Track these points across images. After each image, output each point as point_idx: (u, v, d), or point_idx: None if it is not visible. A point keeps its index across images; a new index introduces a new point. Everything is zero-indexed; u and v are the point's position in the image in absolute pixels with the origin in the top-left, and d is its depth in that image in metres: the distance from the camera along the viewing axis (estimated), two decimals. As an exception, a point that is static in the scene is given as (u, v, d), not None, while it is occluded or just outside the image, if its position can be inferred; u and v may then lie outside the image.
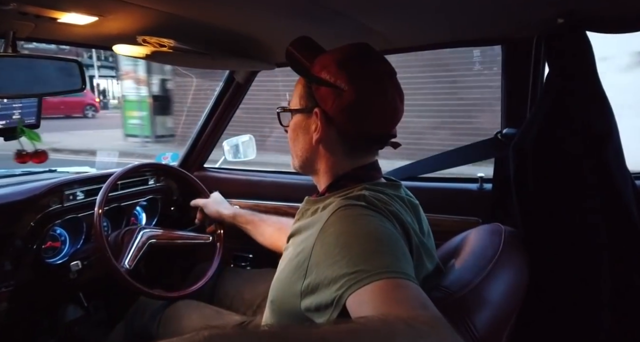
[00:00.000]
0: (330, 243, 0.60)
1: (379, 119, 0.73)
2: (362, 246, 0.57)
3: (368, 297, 0.51)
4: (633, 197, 0.91)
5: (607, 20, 0.90)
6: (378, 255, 0.55)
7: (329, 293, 0.56)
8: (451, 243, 0.92)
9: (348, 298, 0.53)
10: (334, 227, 0.62)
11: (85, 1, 0.77)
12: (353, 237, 0.59)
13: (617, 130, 0.90)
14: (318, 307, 0.59)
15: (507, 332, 0.69)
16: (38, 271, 1.16)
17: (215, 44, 1.10)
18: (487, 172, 1.29)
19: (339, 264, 0.56)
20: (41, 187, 1.19)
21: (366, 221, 0.62)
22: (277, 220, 1.23)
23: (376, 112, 0.72)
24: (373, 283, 0.52)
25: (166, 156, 1.73)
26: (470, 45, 1.24)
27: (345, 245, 0.58)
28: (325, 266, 0.59)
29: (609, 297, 0.87)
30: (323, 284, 0.58)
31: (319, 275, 0.59)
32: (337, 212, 0.64)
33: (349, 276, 0.54)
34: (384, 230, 0.61)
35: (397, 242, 0.60)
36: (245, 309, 1.22)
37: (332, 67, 0.71)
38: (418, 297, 0.51)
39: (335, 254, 0.58)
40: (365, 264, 0.54)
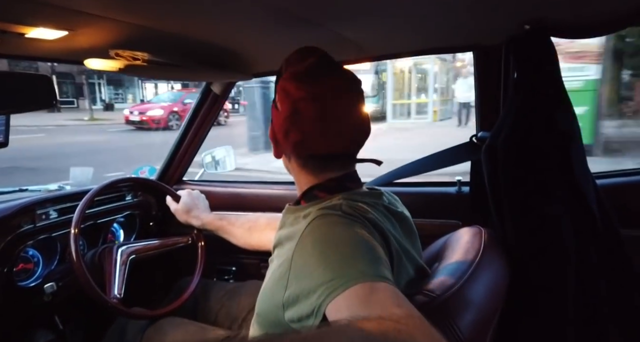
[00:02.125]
0: (307, 253, 0.61)
1: (332, 139, 0.70)
2: (337, 254, 0.58)
3: (344, 303, 0.52)
4: (594, 195, 0.95)
5: (570, 26, 0.94)
6: (353, 261, 0.56)
7: (309, 303, 0.56)
8: (433, 247, 0.93)
9: (327, 307, 0.54)
10: (310, 236, 0.63)
11: (54, 16, 0.75)
12: (328, 245, 0.60)
13: (579, 130, 0.94)
14: (300, 318, 0.59)
15: (491, 333, 0.70)
16: (9, 295, 1.11)
17: (191, 56, 1.10)
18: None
19: (316, 274, 0.57)
20: (11, 207, 1.14)
21: (341, 229, 0.63)
22: (246, 220, 1.23)
23: (332, 130, 0.69)
24: (349, 289, 0.52)
25: (143, 170, 1.69)
26: (441, 53, 1.28)
27: (321, 254, 0.59)
28: (303, 276, 0.60)
29: (574, 295, 0.90)
30: (303, 295, 0.58)
31: (298, 286, 0.60)
32: (313, 222, 0.65)
33: (325, 284, 0.55)
34: (359, 237, 0.61)
35: (372, 247, 0.61)
36: (231, 323, 1.20)
37: (282, 86, 0.72)
38: (392, 296, 0.52)
39: (312, 263, 0.59)
40: (340, 271, 0.55)
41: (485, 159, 1.00)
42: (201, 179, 1.74)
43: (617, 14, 0.86)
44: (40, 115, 17.82)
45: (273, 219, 1.17)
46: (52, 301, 1.16)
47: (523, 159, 0.92)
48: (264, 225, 1.18)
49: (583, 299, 0.91)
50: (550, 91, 0.92)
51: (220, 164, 1.69)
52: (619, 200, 1.05)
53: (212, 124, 1.61)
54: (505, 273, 0.83)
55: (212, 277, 1.55)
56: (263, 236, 1.16)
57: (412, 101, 13.34)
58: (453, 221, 1.25)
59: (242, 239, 1.20)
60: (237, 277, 1.55)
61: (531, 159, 0.91)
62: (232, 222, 1.23)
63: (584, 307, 0.91)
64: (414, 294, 0.65)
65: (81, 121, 16.27)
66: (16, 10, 0.71)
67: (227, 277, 1.57)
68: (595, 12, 0.88)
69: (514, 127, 0.93)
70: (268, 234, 1.14)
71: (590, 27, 0.94)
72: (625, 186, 1.15)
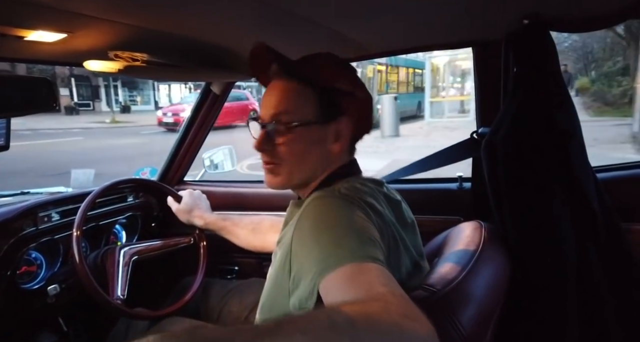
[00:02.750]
0: (304, 235, 0.62)
1: (372, 119, 0.80)
2: (331, 234, 0.59)
3: (334, 283, 0.53)
4: (594, 191, 0.95)
5: (569, 20, 0.94)
6: (345, 241, 0.57)
7: (306, 285, 0.57)
8: (433, 242, 0.93)
9: (319, 286, 0.54)
10: (307, 219, 0.64)
11: (53, 18, 0.75)
12: (323, 226, 0.61)
13: (579, 125, 0.94)
14: (300, 302, 0.59)
15: (492, 327, 0.71)
16: (13, 298, 1.12)
17: (190, 57, 1.10)
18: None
19: (311, 254, 0.58)
20: (13, 210, 1.14)
21: (336, 209, 0.63)
22: (250, 221, 1.23)
23: (372, 112, 0.79)
24: (339, 269, 0.53)
25: (144, 171, 1.70)
26: (440, 49, 1.28)
27: (316, 234, 0.60)
28: (301, 257, 0.61)
29: (574, 290, 0.90)
30: (302, 276, 0.59)
31: (298, 268, 0.61)
32: (310, 204, 0.66)
33: (319, 264, 0.56)
34: (354, 217, 0.62)
35: (365, 227, 0.61)
36: (233, 321, 1.20)
37: (346, 75, 0.75)
38: (379, 276, 0.52)
39: (308, 243, 0.60)
40: (332, 250, 0.56)
41: (484, 155, 1.00)
42: (202, 179, 1.74)
43: (616, 6, 0.86)
44: (59, 117, 17.91)
45: (277, 221, 1.17)
46: (56, 302, 1.17)
47: (522, 155, 0.92)
48: (268, 227, 1.18)
49: (584, 294, 0.91)
50: (550, 86, 0.92)
51: (222, 164, 1.69)
52: (619, 193, 1.05)
53: (213, 124, 1.61)
54: (506, 268, 0.83)
55: (215, 276, 1.55)
56: (267, 238, 1.16)
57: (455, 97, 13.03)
58: (454, 217, 1.25)
59: (246, 240, 1.21)
60: (239, 277, 1.55)
61: (531, 155, 0.91)
62: (236, 223, 1.23)
63: (585, 302, 0.91)
64: (414, 289, 0.65)
65: (103, 123, 16.29)
66: (15, 13, 0.71)
67: (229, 277, 1.57)
68: (594, 5, 0.88)
69: (513, 123, 0.93)
70: (271, 236, 1.14)
71: (589, 21, 0.94)
72: (625, 179, 1.14)
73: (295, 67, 0.74)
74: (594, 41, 16.23)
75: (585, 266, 0.91)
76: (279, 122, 0.71)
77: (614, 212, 0.97)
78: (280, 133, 0.72)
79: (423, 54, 11.33)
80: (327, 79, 0.73)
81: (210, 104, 1.54)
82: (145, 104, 24.64)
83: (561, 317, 0.90)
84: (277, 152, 0.73)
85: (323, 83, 0.72)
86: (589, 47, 17.38)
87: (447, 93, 13.20)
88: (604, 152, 5.54)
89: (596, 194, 0.95)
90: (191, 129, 1.58)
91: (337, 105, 0.73)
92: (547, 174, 0.91)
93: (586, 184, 0.93)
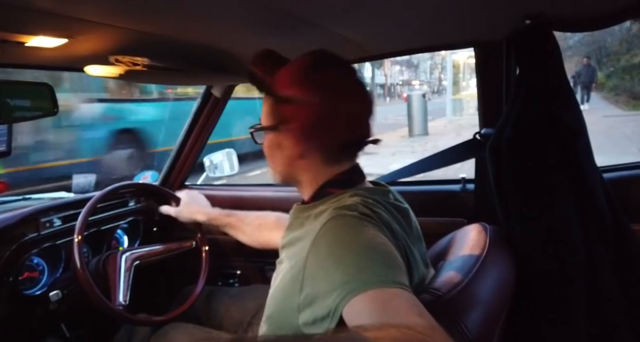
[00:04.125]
0: (323, 255, 0.60)
1: (351, 124, 0.72)
2: (355, 257, 0.57)
3: (363, 306, 0.51)
4: (602, 190, 0.94)
5: (572, 20, 0.93)
6: (371, 264, 0.55)
7: (325, 305, 0.56)
8: (438, 245, 0.93)
9: (344, 308, 0.53)
10: (326, 238, 0.62)
11: (53, 23, 0.75)
12: (346, 248, 0.59)
13: (585, 125, 0.93)
14: (315, 320, 0.58)
15: (498, 331, 0.70)
16: (15, 304, 1.11)
17: (190, 60, 1.10)
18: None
19: (333, 276, 0.56)
20: (15, 216, 1.14)
21: (358, 231, 0.61)
22: (256, 217, 1.20)
23: (346, 118, 0.71)
24: (366, 292, 0.51)
25: (146, 176, 1.69)
26: (443, 49, 1.27)
27: (338, 256, 0.58)
28: (320, 278, 0.59)
29: (584, 291, 0.89)
30: (319, 297, 0.58)
31: (314, 287, 0.59)
32: (329, 223, 0.63)
33: (343, 286, 0.54)
34: (377, 240, 0.60)
35: (390, 251, 0.60)
36: (236, 327, 1.20)
37: (295, 81, 0.70)
38: (414, 306, 0.51)
39: (328, 265, 0.58)
40: (359, 273, 0.54)
41: (490, 158, 0.99)
42: (203, 183, 1.74)
43: (617, 6, 0.86)
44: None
45: (282, 218, 1.16)
46: (58, 308, 1.16)
47: (529, 156, 0.91)
48: (274, 223, 1.16)
49: (593, 296, 0.90)
50: (554, 86, 0.91)
51: (223, 167, 1.69)
52: (625, 194, 1.04)
53: (214, 127, 1.61)
54: (512, 270, 0.82)
55: (217, 282, 1.54)
56: (273, 235, 1.14)
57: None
58: (458, 219, 1.24)
59: (252, 236, 1.18)
60: (242, 281, 1.55)
61: (537, 156, 0.91)
62: (242, 219, 1.20)
63: (594, 304, 0.90)
64: (419, 293, 0.64)
65: None
66: (15, 19, 0.71)
67: (231, 281, 1.56)
68: (596, 5, 0.87)
69: (518, 124, 0.93)
70: (277, 232, 1.13)
71: (591, 20, 0.94)
72: (631, 179, 1.14)
73: (257, 76, 0.77)
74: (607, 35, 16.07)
75: (594, 267, 0.90)
76: (256, 127, 0.80)
77: (621, 213, 0.96)
78: (258, 136, 0.81)
79: (444, 51, 11.29)
80: (277, 88, 0.72)
81: (211, 107, 1.53)
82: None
83: (569, 320, 0.89)
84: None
85: (273, 92, 0.73)
86: (602, 41, 17.20)
87: (468, 91, 13.12)
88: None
89: (603, 194, 0.94)
90: (192, 133, 1.58)
91: (281, 114, 0.72)
92: (554, 174, 0.90)
93: (593, 184, 0.92)
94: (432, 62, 40.23)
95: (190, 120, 1.57)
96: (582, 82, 11.23)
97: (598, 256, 0.91)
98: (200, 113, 1.55)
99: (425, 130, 9.90)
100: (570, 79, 3.15)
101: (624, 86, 12.85)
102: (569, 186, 0.90)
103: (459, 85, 13.13)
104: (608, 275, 0.92)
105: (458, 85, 13.01)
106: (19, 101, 0.92)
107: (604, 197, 0.94)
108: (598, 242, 0.91)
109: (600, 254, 0.91)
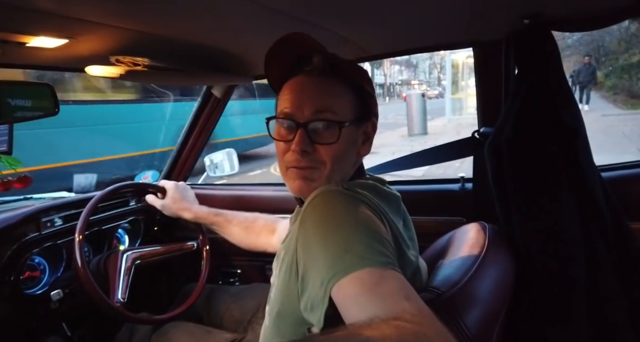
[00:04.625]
0: (310, 234, 0.58)
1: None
2: (338, 234, 0.55)
3: (350, 290, 0.50)
4: (601, 189, 0.94)
5: (570, 20, 0.94)
6: (355, 242, 0.53)
7: (316, 289, 0.54)
8: (437, 244, 0.93)
9: (332, 291, 0.51)
10: (311, 216, 0.59)
11: (54, 24, 0.76)
12: (329, 224, 0.57)
13: (583, 124, 0.94)
14: (312, 305, 0.56)
15: (498, 329, 0.70)
16: (17, 303, 1.12)
17: (191, 60, 1.10)
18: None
19: (318, 256, 0.55)
20: (16, 215, 1.15)
21: (342, 205, 0.59)
22: (243, 219, 1.19)
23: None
24: (352, 274, 0.50)
25: (146, 175, 1.70)
26: (442, 49, 1.27)
27: (322, 234, 0.56)
28: (308, 258, 0.57)
29: (584, 290, 0.90)
30: (310, 279, 0.56)
31: (305, 269, 0.58)
32: (314, 200, 0.61)
33: (328, 268, 0.52)
34: (361, 215, 0.58)
35: (374, 226, 0.57)
36: (236, 326, 1.20)
37: (366, 77, 0.74)
38: (401, 288, 0.49)
39: (314, 244, 0.56)
40: (343, 253, 0.52)
41: (489, 157, 0.99)
42: (204, 182, 1.74)
43: (617, 5, 0.86)
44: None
45: (271, 221, 1.16)
46: (59, 308, 1.17)
47: (528, 155, 0.91)
48: (261, 227, 1.16)
49: (593, 295, 0.90)
50: (553, 85, 0.92)
51: (224, 167, 1.69)
52: (624, 192, 1.05)
53: (214, 127, 1.61)
54: (511, 269, 0.82)
55: (217, 280, 1.55)
56: (259, 239, 1.15)
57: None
58: (457, 218, 1.25)
59: (238, 237, 1.18)
60: (242, 280, 1.55)
61: (536, 155, 0.91)
62: (229, 220, 1.19)
63: (595, 303, 0.91)
64: (419, 292, 0.64)
65: None
66: (17, 19, 0.71)
67: (232, 280, 1.57)
68: (595, 5, 0.87)
69: (517, 123, 0.93)
70: (264, 237, 1.13)
71: (589, 20, 0.94)
72: (629, 178, 1.14)
73: (340, 65, 0.70)
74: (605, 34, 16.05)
75: (594, 266, 0.90)
76: (323, 120, 0.66)
77: (621, 212, 0.96)
78: (323, 133, 0.66)
79: (443, 51, 11.27)
80: (358, 80, 0.72)
81: (212, 107, 1.54)
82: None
83: (569, 319, 0.89)
84: (318, 155, 0.67)
85: (358, 83, 0.71)
86: (600, 40, 17.18)
87: (466, 90, 13.13)
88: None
89: (602, 193, 0.95)
90: (192, 133, 1.58)
91: (368, 106, 0.72)
92: (554, 173, 0.90)
93: (592, 183, 0.92)
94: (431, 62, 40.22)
95: (191, 121, 1.58)
96: (580, 82, 10.91)
97: (598, 254, 0.91)
98: (201, 113, 1.55)
99: (425, 129, 9.90)
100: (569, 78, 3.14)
101: (623, 85, 12.86)
102: (569, 185, 0.91)
103: (458, 85, 13.13)
104: (608, 274, 0.92)
105: (457, 85, 13.01)
106: (20, 101, 0.93)
107: (603, 196, 0.94)
108: (598, 241, 0.91)
109: (600, 252, 0.91)
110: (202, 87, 1.55)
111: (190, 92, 5.06)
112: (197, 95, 1.57)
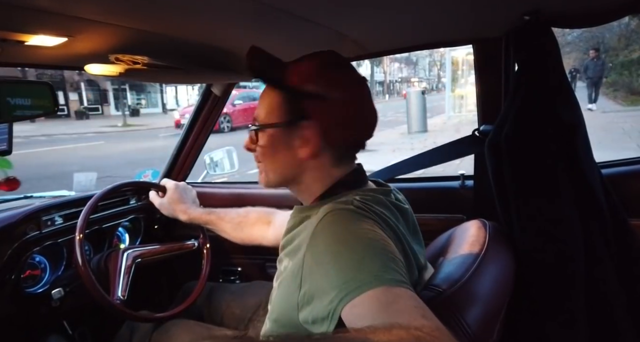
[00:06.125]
0: (321, 251, 0.59)
1: (366, 124, 0.73)
2: (352, 253, 0.55)
3: (364, 308, 0.49)
4: (600, 186, 0.94)
5: (570, 16, 0.94)
6: (369, 262, 0.54)
7: (323, 305, 0.54)
8: (437, 242, 0.93)
9: (343, 310, 0.51)
10: (323, 234, 0.60)
11: (53, 22, 0.75)
12: (342, 243, 0.58)
13: (583, 121, 0.93)
14: (314, 320, 0.57)
15: (499, 326, 0.70)
16: (18, 302, 1.12)
17: (191, 59, 1.10)
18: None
19: (330, 274, 0.55)
20: (17, 214, 1.15)
21: (355, 225, 0.60)
22: (236, 214, 1.19)
23: (363, 118, 0.73)
24: (366, 293, 0.50)
25: (146, 174, 1.70)
26: (441, 47, 1.27)
27: (335, 253, 0.57)
28: (317, 275, 0.57)
29: (584, 286, 0.90)
30: (317, 295, 0.56)
31: (312, 285, 0.58)
32: (326, 218, 0.62)
33: (340, 286, 0.52)
34: (374, 234, 0.59)
35: (387, 246, 0.58)
36: (237, 324, 1.20)
37: (318, 77, 0.69)
38: (417, 306, 0.49)
39: (326, 262, 0.56)
40: (356, 272, 0.52)
41: (489, 154, 0.99)
42: (204, 181, 1.74)
43: (616, 1, 0.86)
44: (71, 122, 17.64)
45: (263, 213, 1.16)
46: (60, 306, 1.17)
47: (528, 152, 0.91)
48: (254, 219, 1.16)
49: (593, 291, 0.91)
50: (553, 82, 0.92)
51: (224, 165, 1.69)
52: (623, 189, 1.05)
53: (214, 125, 1.61)
54: (511, 266, 0.83)
55: (218, 279, 1.55)
56: (253, 231, 1.14)
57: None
58: (457, 216, 1.25)
59: (233, 233, 1.18)
60: (243, 278, 1.55)
61: (536, 153, 0.91)
62: (222, 217, 1.19)
63: (594, 300, 0.91)
64: (419, 289, 0.64)
65: (116, 127, 16.23)
66: (15, 18, 0.71)
67: (232, 278, 1.57)
68: (594, 1, 0.87)
69: (517, 120, 0.93)
70: (258, 229, 1.14)
71: (589, 16, 0.94)
72: (630, 174, 1.14)
73: (264, 71, 0.73)
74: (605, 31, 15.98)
75: (594, 263, 0.90)
76: (254, 124, 0.75)
77: (620, 208, 0.96)
78: (256, 135, 0.75)
79: (443, 48, 11.23)
80: (295, 82, 0.70)
81: (211, 105, 1.54)
82: (152, 106, 24.80)
83: (569, 315, 0.90)
84: (257, 153, 0.76)
85: (290, 86, 0.70)
86: (600, 37, 17.12)
87: (466, 87, 13.11)
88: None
89: (602, 189, 0.95)
90: (192, 131, 1.58)
91: (302, 109, 0.69)
92: (553, 170, 0.90)
93: (592, 179, 0.93)
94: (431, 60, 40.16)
95: (191, 118, 1.58)
96: (589, 78, 10.22)
97: (597, 251, 0.91)
98: (201, 111, 1.55)
99: (425, 127, 9.90)
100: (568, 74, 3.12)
101: (623, 82, 12.84)
102: (568, 182, 0.91)
103: (457, 82, 13.11)
104: (608, 270, 0.92)
105: (456, 82, 12.99)
106: (19, 100, 0.93)
107: (602, 192, 0.94)
108: (597, 238, 0.91)
109: (600, 249, 0.92)
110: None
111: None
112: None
